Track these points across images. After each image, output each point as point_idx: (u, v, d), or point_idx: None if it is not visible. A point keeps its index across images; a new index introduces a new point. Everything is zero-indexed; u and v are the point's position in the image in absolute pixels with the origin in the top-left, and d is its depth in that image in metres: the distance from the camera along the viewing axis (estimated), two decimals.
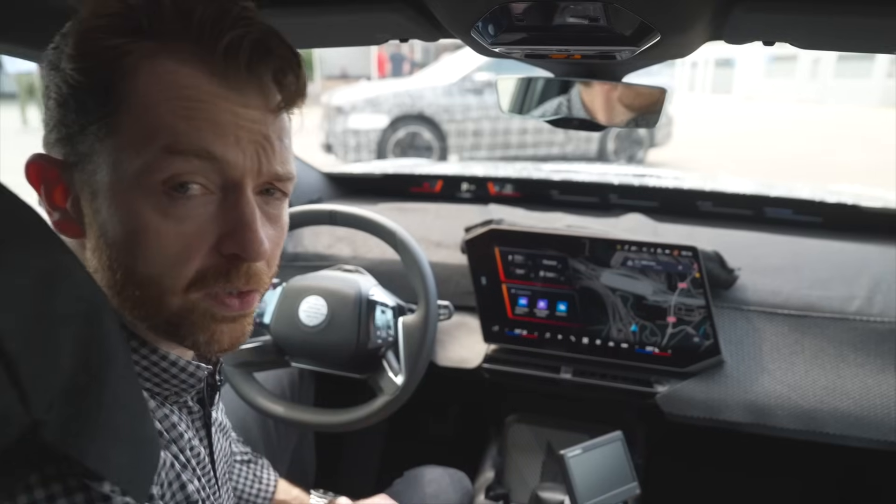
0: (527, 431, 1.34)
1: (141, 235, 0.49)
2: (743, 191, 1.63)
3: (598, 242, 1.19)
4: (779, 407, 1.11)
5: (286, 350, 1.16)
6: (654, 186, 1.70)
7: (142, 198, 0.48)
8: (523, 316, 1.24)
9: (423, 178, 1.84)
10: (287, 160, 0.55)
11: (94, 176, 0.49)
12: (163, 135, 0.48)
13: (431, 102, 7.43)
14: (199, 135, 0.48)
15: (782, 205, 1.59)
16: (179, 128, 0.48)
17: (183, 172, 0.48)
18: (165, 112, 0.48)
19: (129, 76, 0.48)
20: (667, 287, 1.16)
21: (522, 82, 1.04)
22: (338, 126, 7.34)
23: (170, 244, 0.49)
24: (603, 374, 1.21)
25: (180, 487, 0.55)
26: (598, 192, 1.74)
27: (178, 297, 0.51)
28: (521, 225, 1.30)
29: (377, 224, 1.11)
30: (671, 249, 1.15)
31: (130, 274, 0.50)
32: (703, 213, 1.66)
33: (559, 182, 1.76)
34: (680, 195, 1.68)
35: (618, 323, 1.19)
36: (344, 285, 1.13)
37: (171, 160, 0.48)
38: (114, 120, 0.48)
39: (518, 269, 1.24)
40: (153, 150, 0.48)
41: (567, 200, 1.75)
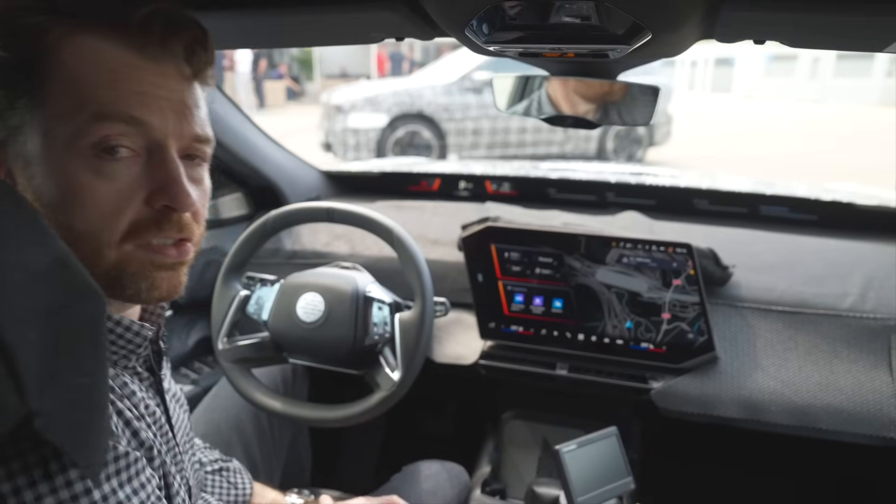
0: (523, 427, 1.35)
1: (76, 195, 0.52)
2: (739, 189, 1.63)
3: (593, 240, 1.20)
4: (772, 403, 1.12)
5: (284, 346, 1.16)
6: (651, 185, 1.71)
7: (74, 161, 0.52)
8: (519, 313, 1.25)
9: (421, 176, 1.85)
10: (206, 124, 0.60)
11: (25, 146, 0.53)
12: (90, 104, 0.52)
13: (431, 101, 7.43)
14: (124, 102, 0.53)
15: (778, 203, 1.60)
16: (105, 97, 0.52)
17: (111, 135, 0.53)
18: (92, 83, 0.52)
19: (53, 52, 0.52)
20: (661, 284, 1.17)
21: (518, 81, 1.05)
22: (337, 125, 7.34)
23: (103, 200, 0.53)
24: (598, 371, 1.22)
25: (133, 434, 0.56)
26: (595, 191, 1.75)
27: (114, 250, 0.55)
28: (517, 222, 1.31)
29: (374, 221, 1.12)
30: (666, 246, 1.16)
31: (68, 232, 0.53)
32: (700, 211, 1.67)
33: (556, 180, 1.77)
34: (676, 193, 1.69)
35: (613, 319, 1.20)
36: (341, 282, 1.13)
37: (100, 126, 0.52)
38: (41, 93, 0.52)
39: (514, 266, 1.25)
40: (83, 118, 0.52)
41: (564, 199, 1.76)
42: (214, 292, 1.18)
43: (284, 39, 0.95)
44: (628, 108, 0.96)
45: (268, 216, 1.17)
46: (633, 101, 0.96)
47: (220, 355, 1.16)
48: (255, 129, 1.53)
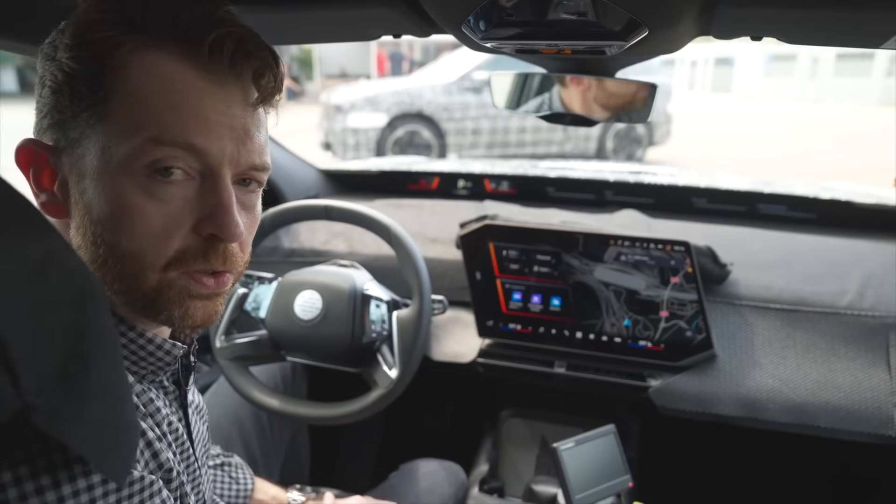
0: (521, 425, 1.35)
1: (126, 214, 0.52)
2: (737, 187, 1.64)
3: (591, 237, 1.20)
4: (770, 401, 1.12)
5: (281, 344, 1.16)
6: (650, 183, 1.71)
7: (128, 180, 0.51)
8: (517, 311, 1.25)
9: (420, 175, 1.85)
10: (264, 151, 0.58)
11: (82, 159, 0.52)
12: (151, 125, 0.51)
13: (430, 101, 7.42)
14: (183, 126, 0.52)
15: (776, 201, 1.60)
16: (166, 119, 0.51)
17: (166, 158, 0.51)
18: (154, 103, 0.51)
19: (121, 67, 0.51)
20: (659, 282, 1.17)
21: (516, 79, 1.05)
22: (337, 125, 7.33)
23: (152, 223, 0.52)
24: (596, 369, 1.22)
25: (153, 456, 0.56)
26: (593, 189, 1.75)
27: (157, 274, 0.54)
28: (515, 220, 1.31)
29: (372, 219, 1.12)
30: (664, 244, 1.16)
31: (114, 249, 0.53)
32: (698, 209, 1.67)
33: (555, 179, 1.77)
34: (675, 192, 1.69)
35: (611, 317, 1.20)
36: (339, 280, 1.13)
37: (157, 149, 0.51)
38: (104, 108, 0.51)
39: (512, 265, 1.25)
40: (141, 139, 0.51)
41: (563, 197, 1.76)
42: None
43: (282, 36, 0.95)
44: (625, 105, 0.96)
45: (265, 214, 1.17)
46: (630, 99, 0.96)
47: (217, 353, 1.16)
48: None
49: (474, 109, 7.52)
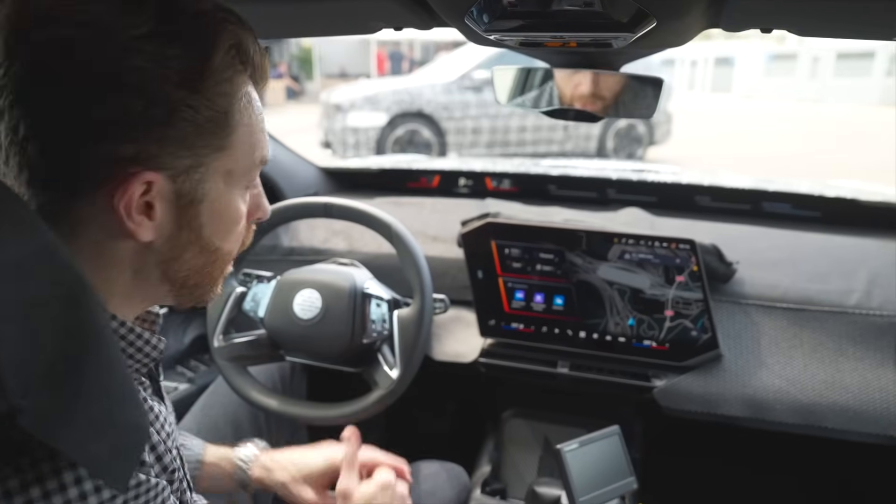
0: (523, 426, 1.33)
1: (234, 223, 0.60)
2: (741, 185, 1.62)
3: (595, 236, 1.18)
4: (777, 401, 1.10)
5: (280, 344, 1.15)
6: (653, 181, 1.70)
7: (239, 195, 0.60)
8: (520, 310, 1.24)
9: (421, 173, 1.83)
10: None
11: (200, 184, 0.55)
12: (258, 150, 0.60)
13: (430, 100, 7.42)
14: (266, 144, 0.61)
15: (781, 199, 1.58)
16: (262, 141, 0.60)
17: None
18: (257, 130, 0.59)
19: (237, 101, 0.56)
20: (664, 280, 1.15)
21: (519, 73, 1.03)
22: (336, 124, 7.32)
23: (242, 223, 0.62)
24: (600, 369, 1.20)
25: (157, 459, 0.55)
26: (596, 187, 1.73)
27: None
28: (517, 218, 1.29)
29: (373, 217, 1.10)
30: (669, 242, 1.14)
31: (219, 254, 0.60)
32: (702, 207, 1.65)
33: (557, 177, 1.75)
34: (678, 190, 1.67)
35: (615, 317, 1.18)
36: (339, 278, 1.12)
37: (260, 167, 0.62)
38: (229, 140, 0.56)
39: (515, 263, 1.23)
40: (255, 162, 0.60)
41: (565, 195, 1.75)
42: None
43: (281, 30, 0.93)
44: (630, 100, 0.94)
45: None
46: (635, 94, 0.94)
47: (215, 353, 1.14)
48: None
49: (474, 108, 7.51)
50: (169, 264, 0.57)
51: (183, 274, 0.58)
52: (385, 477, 0.92)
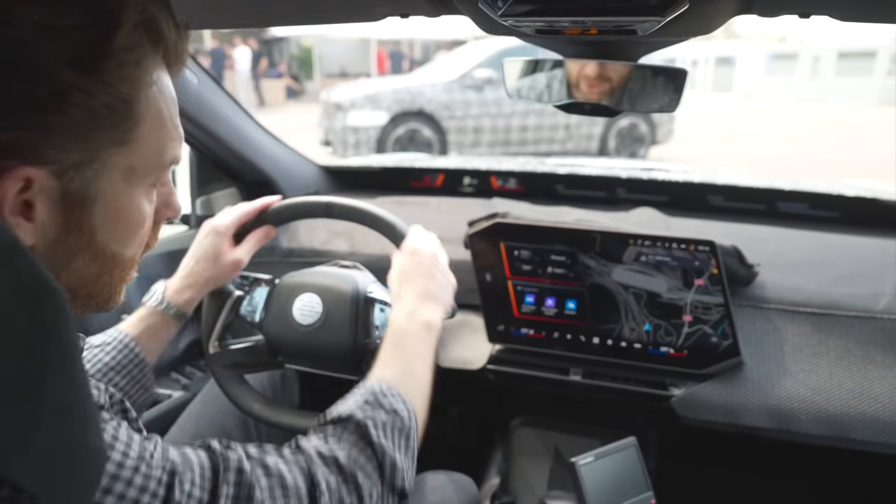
0: (533, 436, 1.27)
1: (136, 225, 0.54)
2: (755, 184, 1.56)
3: (609, 237, 1.12)
4: (802, 411, 1.04)
5: (279, 350, 1.09)
6: (664, 180, 1.64)
7: (142, 195, 0.53)
8: (530, 314, 1.18)
9: (424, 171, 1.77)
10: None
11: (93, 182, 0.48)
12: (171, 146, 0.54)
13: (431, 99, 7.39)
14: (180, 141, 0.56)
15: (797, 199, 1.53)
16: (175, 138, 0.54)
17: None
18: (168, 123, 0.52)
19: (146, 88, 0.49)
20: (682, 284, 1.10)
21: (530, 64, 0.97)
22: (337, 123, 7.28)
23: (146, 225, 0.55)
24: (614, 376, 1.14)
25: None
26: (605, 187, 1.68)
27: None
28: (527, 218, 1.24)
29: (376, 217, 1.05)
30: (687, 244, 1.09)
31: (117, 259, 0.54)
32: (714, 207, 1.60)
33: (565, 176, 1.70)
34: (690, 189, 1.62)
35: (630, 322, 1.13)
36: (340, 281, 1.06)
37: (171, 167, 0.56)
38: (134, 133, 0.49)
39: (525, 266, 1.17)
40: (164, 161, 0.53)
41: (573, 195, 1.69)
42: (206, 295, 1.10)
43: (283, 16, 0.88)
44: (651, 93, 0.89)
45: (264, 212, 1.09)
46: (656, 86, 0.89)
47: (210, 360, 1.08)
48: (251, 122, 1.46)
49: (476, 107, 7.48)
50: (56, 273, 0.48)
51: (74, 283, 0.52)
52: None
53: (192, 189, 1.46)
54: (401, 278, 0.92)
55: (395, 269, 0.95)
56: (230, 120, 1.34)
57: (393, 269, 0.96)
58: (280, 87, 17.56)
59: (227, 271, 1.01)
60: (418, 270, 0.92)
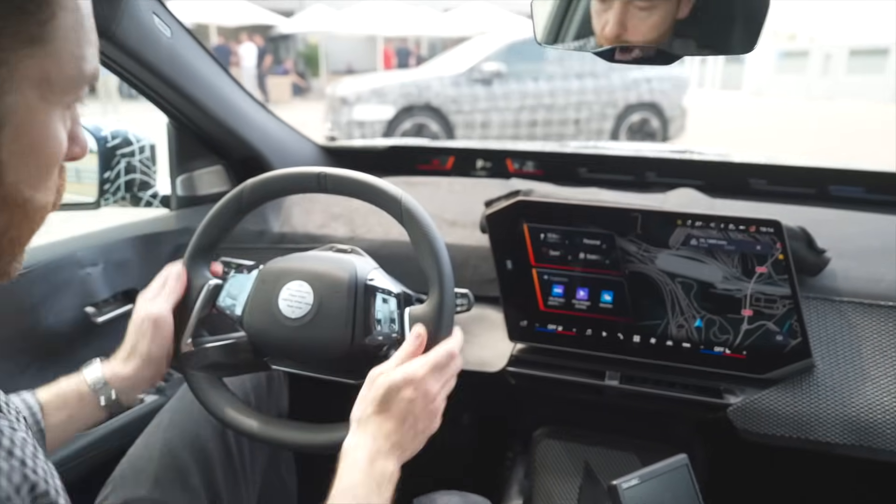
0: (559, 449, 1.10)
1: (52, 162, 0.44)
2: (804, 164, 1.39)
3: (653, 216, 0.95)
4: (887, 424, 0.87)
5: (263, 349, 0.92)
6: (700, 160, 1.47)
7: (58, 120, 0.43)
8: (558, 308, 1.01)
9: (433, 153, 1.61)
10: None
11: (4, 97, 0.39)
12: (89, 52, 0.44)
13: (439, 93, 7.27)
14: (97, 55, 0.46)
15: (853, 181, 1.35)
16: (94, 45, 0.45)
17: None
18: (87, 25, 0.44)
19: None
20: (741, 272, 0.92)
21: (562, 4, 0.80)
22: (342, 117, 7.17)
23: (58, 164, 0.46)
24: (658, 381, 0.97)
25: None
26: (633, 169, 1.51)
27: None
28: (555, 196, 1.07)
29: (377, 189, 0.88)
30: (747, 225, 0.92)
31: (27, 208, 0.44)
32: (757, 191, 1.42)
33: (589, 157, 1.53)
34: (729, 171, 1.45)
35: (678, 317, 0.96)
36: (335, 267, 0.89)
37: (87, 82, 0.45)
38: (50, 27, 0.40)
39: (552, 251, 1.00)
40: (82, 75, 0.44)
41: (597, 179, 1.52)
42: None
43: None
44: (717, 30, 0.71)
45: (244, 185, 0.93)
46: (722, 21, 0.71)
47: (182, 360, 0.91)
48: (242, 92, 1.29)
49: (484, 101, 7.37)
50: None
51: None
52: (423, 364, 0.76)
53: (172, 166, 1.29)
54: (370, 407, 0.72)
55: (367, 389, 0.75)
56: (212, 83, 1.17)
57: (365, 387, 0.75)
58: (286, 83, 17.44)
59: (161, 353, 0.87)
60: (395, 410, 0.72)
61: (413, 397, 0.72)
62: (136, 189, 1.24)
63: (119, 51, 0.95)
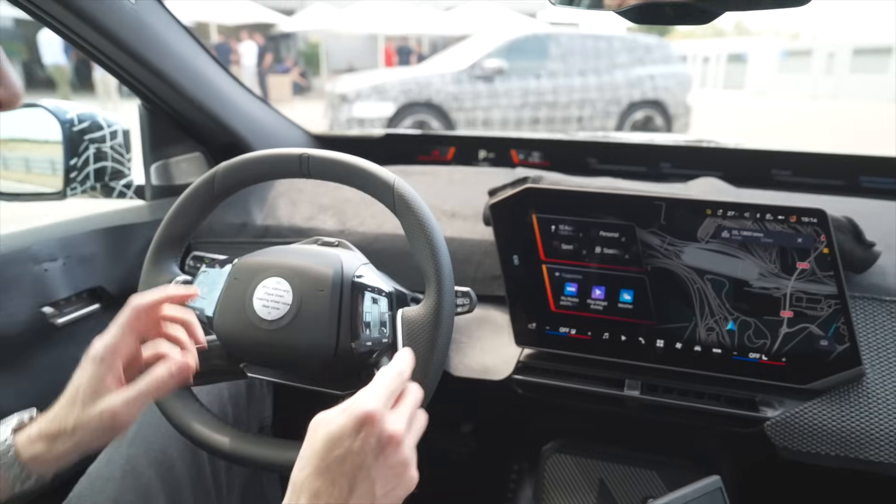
0: (571, 465, 0.99)
1: None
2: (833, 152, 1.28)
3: (679, 205, 0.84)
4: None
5: (237, 355, 0.81)
6: (718, 148, 1.37)
7: None
8: (571, 309, 0.90)
9: (433, 140, 1.50)
10: None
11: None
12: None
13: (440, 90, 7.19)
14: None
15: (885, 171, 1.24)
16: None
17: None
18: None
19: None
20: (780, 268, 0.81)
21: None
22: (341, 115, 7.08)
23: None
24: (684, 392, 0.86)
25: None
26: (646, 159, 1.40)
27: None
28: (567, 183, 0.96)
29: (367, 173, 0.77)
30: (787, 214, 0.81)
31: None
32: (780, 183, 1.32)
33: (599, 145, 1.42)
34: (750, 160, 1.34)
35: (707, 319, 0.84)
36: (318, 262, 0.78)
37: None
38: None
39: (564, 245, 0.89)
40: None
41: (608, 170, 1.41)
42: (140, 277, 0.82)
43: None
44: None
45: (216, 168, 0.82)
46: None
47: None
48: (223, 72, 1.18)
49: (485, 99, 7.28)
50: None
51: None
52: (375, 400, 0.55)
53: (145, 152, 1.18)
54: (307, 468, 0.52)
55: (306, 441, 0.55)
56: (187, 60, 1.06)
57: (306, 439, 0.55)
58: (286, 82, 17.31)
59: (95, 424, 0.61)
60: (339, 470, 0.51)
61: (364, 449, 0.51)
62: (107, 178, 1.14)
63: (71, 14, 0.84)
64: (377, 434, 0.52)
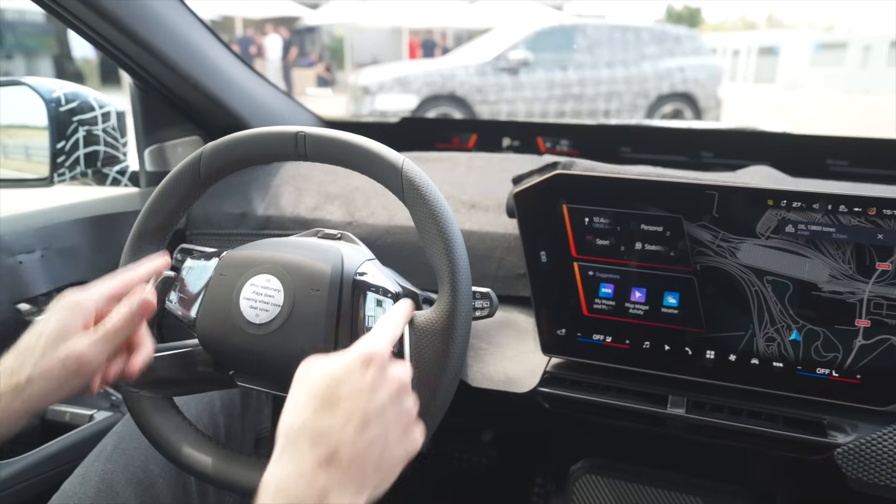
0: (602, 487, 0.88)
1: None
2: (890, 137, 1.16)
3: (735, 195, 0.73)
4: None
5: (223, 361, 0.72)
6: (765, 133, 1.24)
7: None
8: (607, 313, 0.79)
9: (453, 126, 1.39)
10: None
11: None
12: None
13: (463, 82, 7.09)
14: None
15: None
16: None
17: None
18: None
19: None
20: (856, 269, 0.69)
21: None
22: (364, 107, 7.01)
23: None
24: (737, 411, 0.75)
25: None
26: (685, 147, 1.28)
27: None
28: (603, 169, 0.85)
29: (371, 154, 0.66)
30: (866, 205, 0.68)
31: None
32: (835, 174, 1.19)
33: (633, 129, 1.31)
34: (803, 148, 1.22)
35: (767, 327, 0.73)
36: (315, 257, 0.68)
37: None
38: None
39: (600, 240, 0.78)
40: None
41: (643, 159, 1.29)
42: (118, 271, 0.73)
43: None
44: None
45: (202, 148, 0.72)
46: None
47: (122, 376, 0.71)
48: (224, 49, 1.09)
49: (510, 91, 7.18)
50: None
51: None
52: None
53: (138, 135, 1.09)
54: (307, 409, 0.45)
55: (298, 381, 0.48)
56: (182, 34, 0.96)
57: (295, 382, 0.49)
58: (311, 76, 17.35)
59: (57, 371, 0.54)
60: (346, 406, 0.44)
61: (375, 386, 0.45)
62: (99, 164, 1.05)
63: None
64: (387, 374, 0.47)
